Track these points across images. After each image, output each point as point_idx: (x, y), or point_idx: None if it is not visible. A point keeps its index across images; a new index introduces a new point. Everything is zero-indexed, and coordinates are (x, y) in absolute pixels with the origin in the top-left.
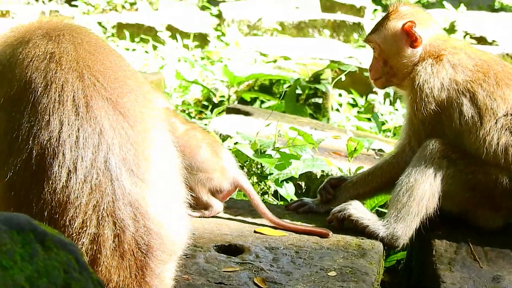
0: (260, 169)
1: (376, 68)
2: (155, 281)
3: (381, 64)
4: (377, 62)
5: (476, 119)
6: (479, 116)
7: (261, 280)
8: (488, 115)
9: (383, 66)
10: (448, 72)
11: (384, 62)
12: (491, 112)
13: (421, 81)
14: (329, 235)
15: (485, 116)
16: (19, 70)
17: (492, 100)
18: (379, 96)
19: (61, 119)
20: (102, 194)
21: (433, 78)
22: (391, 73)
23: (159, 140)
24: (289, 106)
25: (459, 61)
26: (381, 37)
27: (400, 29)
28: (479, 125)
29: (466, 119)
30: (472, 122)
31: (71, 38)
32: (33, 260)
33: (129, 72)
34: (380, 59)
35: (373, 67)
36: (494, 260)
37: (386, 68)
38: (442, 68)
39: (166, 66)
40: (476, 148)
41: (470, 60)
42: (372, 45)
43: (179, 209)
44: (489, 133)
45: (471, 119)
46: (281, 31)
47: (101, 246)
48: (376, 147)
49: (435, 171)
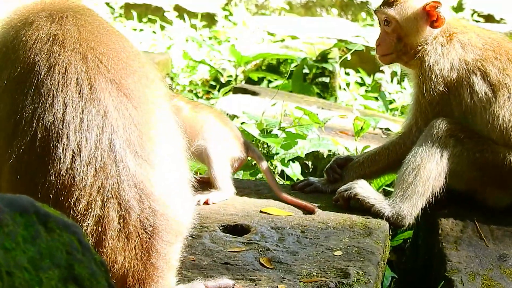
0: (266, 148)
1: (387, 44)
2: (160, 262)
3: (394, 40)
4: (389, 37)
5: (490, 95)
6: (493, 92)
7: (267, 260)
8: (502, 89)
9: (396, 42)
10: (458, 52)
11: (398, 39)
12: (505, 88)
13: (431, 62)
14: (315, 211)
15: (499, 91)
16: (22, 52)
17: (505, 76)
18: (386, 75)
19: (65, 101)
20: (107, 176)
21: (443, 59)
22: (404, 51)
23: (164, 120)
24: (296, 86)
25: (469, 41)
26: (401, 13)
27: (422, 8)
28: (493, 100)
29: (479, 96)
30: (486, 99)
31: (74, 19)
32: (35, 241)
33: (132, 53)
34: (393, 35)
35: (383, 42)
36: (500, 239)
37: (400, 45)
38: (452, 48)
39: (173, 46)
40: (486, 127)
41: (480, 39)
42: (384, 18)
43: (184, 190)
44: (503, 107)
45: (484, 96)
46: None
47: (106, 227)
48: (383, 126)
49: (441, 150)
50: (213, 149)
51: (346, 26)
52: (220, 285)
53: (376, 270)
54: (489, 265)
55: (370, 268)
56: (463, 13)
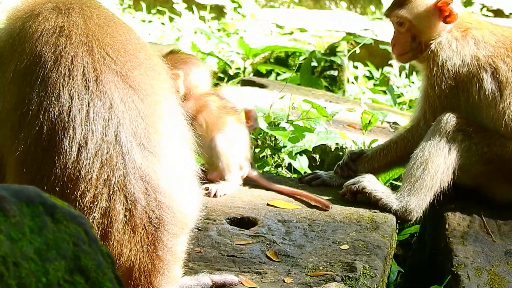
0: (274, 141)
1: (403, 43)
2: (167, 254)
3: (408, 39)
4: (404, 37)
5: (496, 93)
6: (500, 90)
7: (274, 253)
8: (508, 88)
9: (411, 41)
10: (471, 49)
11: (413, 38)
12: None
13: (445, 57)
14: (329, 208)
15: (505, 90)
16: (28, 44)
17: None
18: (394, 68)
19: (71, 93)
20: (113, 168)
21: (456, 55)
22: (419, 49)
23: (170, 113)
24: (305, 79)
25: (482, 37)
26: (412, 12)
27: (434, 4)
28: (499, 98)
29: (486, 93)
30: (491, 96)
31: (81, 11)
32: (42, 232)
33: (139, 45)
34: (408, 34)
35: (399, 42)
36: (507, 234)
37: (415, 44)
38: (466, 44)
39: (182, 38)
40: (494, 122)
41: (493, 36)
42: (397, 20)
43: (190, 182)
44: (509, 106)
45: (491, 93)
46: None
47: (113, 220)
48: (391, 120)
49: (449, 145)
50: (226, 142)
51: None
52: (225, 280)
53: (382, 264)
54: (496, 260)
55: (377, 262)
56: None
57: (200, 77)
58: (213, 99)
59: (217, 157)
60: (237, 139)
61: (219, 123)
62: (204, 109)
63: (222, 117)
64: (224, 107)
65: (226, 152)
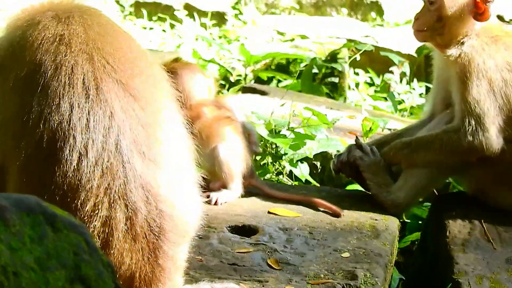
0: (275, 149)
1: (426, 20)
2: (168, 263)
3: (434, 18)
4: (430, 15)
5: None
6: None
7: (275, 261)
8: None
9: (435, 21)
10: (503, 54)
11: (439, 18)
12: None
13: (480, 61)
14: (341, 215)
15: None
16: (29, 53)
17: None
18: (395, 75)
19: (71, 102)
20: (114, 177)
21: (490, 59)
22: (440, 32)
23: (171, 121)
24: (306, 85)
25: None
26: None
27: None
28: None
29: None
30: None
31: (81, 19)
32: (42, 241)
33: (139, 53)
34: (435, 14)
35: (422, 17)
36: (508, 242)
37: (438, 25)
38: (498, 50)
39: (183, 45)
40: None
41: None
42: None
43: (191, 190)
44: None
45: None
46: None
47: (113, 229)
48: (392, 127)
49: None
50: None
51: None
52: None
53: (383, 272)
54: (497, 268)
55: (378, 270)
56: None
57: (198, 85)
58: (209, 109)
59: (220, 167)
60: (238, 148)
61: (215, 133)
62: (199, 118)
63: (217, 127)
64: (220, 117)
65: (229, 162)
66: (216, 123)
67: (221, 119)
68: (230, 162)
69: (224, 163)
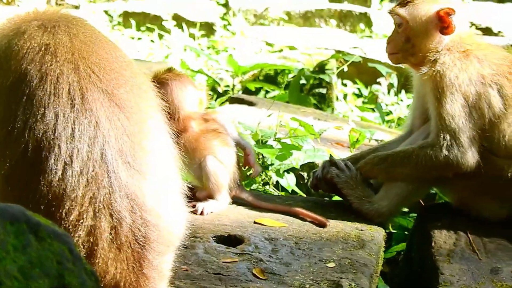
0: (262, 159)
1: (396, 43)
2: (152, 272)
3: (402, 40)
4: (399, 37)
5: (502, 110)
6: (505, 107)
7: (260, 271)
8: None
9: (404, 42)
10: (475, 67)
11: (407, 39)
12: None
13: (452, 76)
14: (327, 225)
15: (510, 107)
16: (14, 62)
17: None
18: (383, 86)
19: (56, 111)
20: (99, 186)
21: (463, 73)
22: (411, 52)
23: (156, 130)
24: (293, 96)
25: (484, 56)
26: (411, 14)
27: (436, 12)
28: (503, 116)
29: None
30: (498, 114)
31: (67, 29)
32: (26, 250)
33: (124, 63)
34: (403, 35)
35: (393, 41)
36: (493, 252)
37: (407, 46)
38: (470, 63)
39: (171, 56)
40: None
41: (495, 55)
42: (397, 19)
43: (177, 200)
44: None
45: (498, 110)
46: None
47: (98, 238)
48: (379, 138)
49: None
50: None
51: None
52: None
53: (369, 282)
54: (482, 278)
55: (363, 280)
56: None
57: (188, 97)
58: (196, 122)
59: (207, 178)
60: (226, 161)
61: (201, 147)
62: (185, 131)
63: (204, 141)
64: (207, 131)
65: (217, 174)
66: (202, 136)
67: (207, 132)
68: (217, 173)
69: (212, 175)
